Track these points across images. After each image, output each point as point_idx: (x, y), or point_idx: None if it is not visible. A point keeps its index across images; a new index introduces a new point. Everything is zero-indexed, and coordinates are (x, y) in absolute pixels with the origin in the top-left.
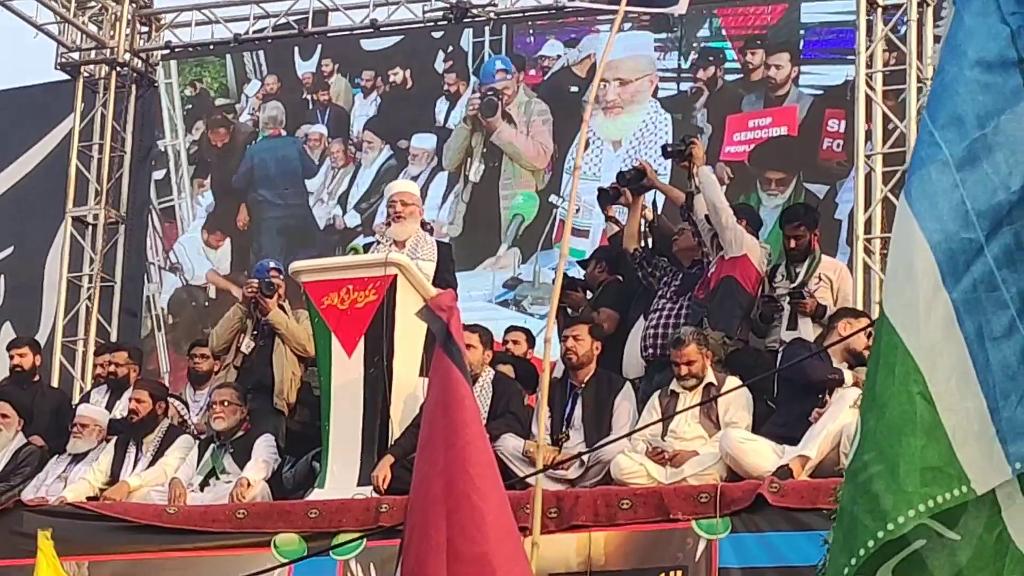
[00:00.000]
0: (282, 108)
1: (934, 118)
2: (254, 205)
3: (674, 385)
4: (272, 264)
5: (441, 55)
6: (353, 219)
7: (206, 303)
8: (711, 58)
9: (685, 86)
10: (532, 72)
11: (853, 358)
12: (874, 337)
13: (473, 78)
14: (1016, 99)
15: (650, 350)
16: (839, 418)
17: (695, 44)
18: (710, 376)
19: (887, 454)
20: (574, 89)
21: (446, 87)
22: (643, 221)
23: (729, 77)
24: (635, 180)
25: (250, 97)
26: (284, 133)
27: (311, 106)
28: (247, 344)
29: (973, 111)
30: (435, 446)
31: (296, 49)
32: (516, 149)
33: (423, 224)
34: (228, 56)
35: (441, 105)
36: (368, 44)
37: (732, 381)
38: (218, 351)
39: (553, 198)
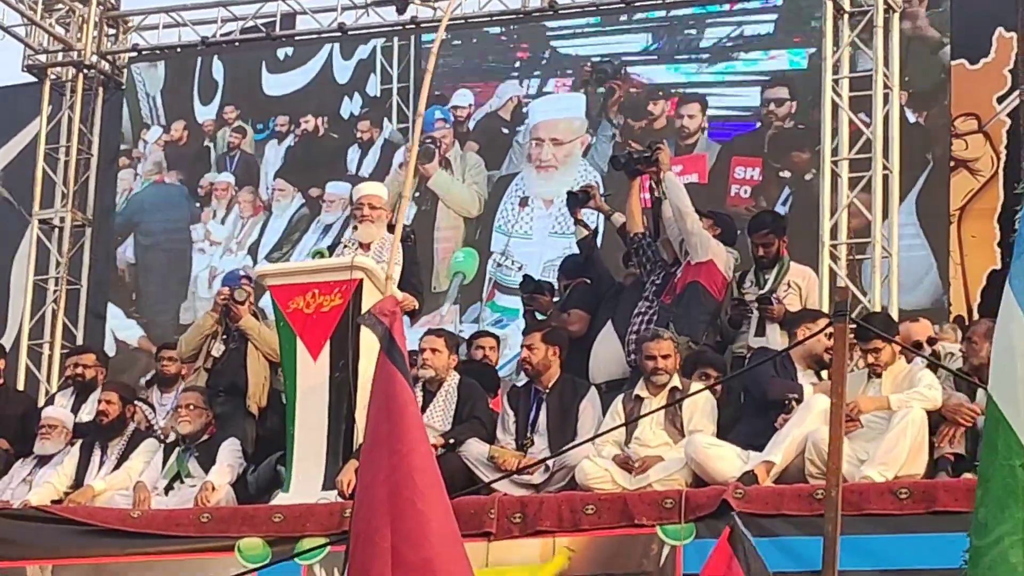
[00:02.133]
0: (163, 156)
1: None
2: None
3: (638, 389)
4: (243, 273)
5: (347, 101)
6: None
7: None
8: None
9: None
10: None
11: (816, 362)
12: (985, 417)
13: (388, 125)
14: None
15: (633, 355)
16: (804, 424)
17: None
18: (675, 381)
19: (990, 526)
20: (505, 130)
21: (359, 134)
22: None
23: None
24: (582, 201)
25: (149, 143)
26: (167, 180)
27: (216, 153)
28: (217, 348)
29: None
30: (379, 452)
31: (196, 93)
32: (451, 194)
33: (405, 236)
34: (124, 99)
35: (353, 153)
36: (271, 89)
37: (697, 386)
38: (186, 357)
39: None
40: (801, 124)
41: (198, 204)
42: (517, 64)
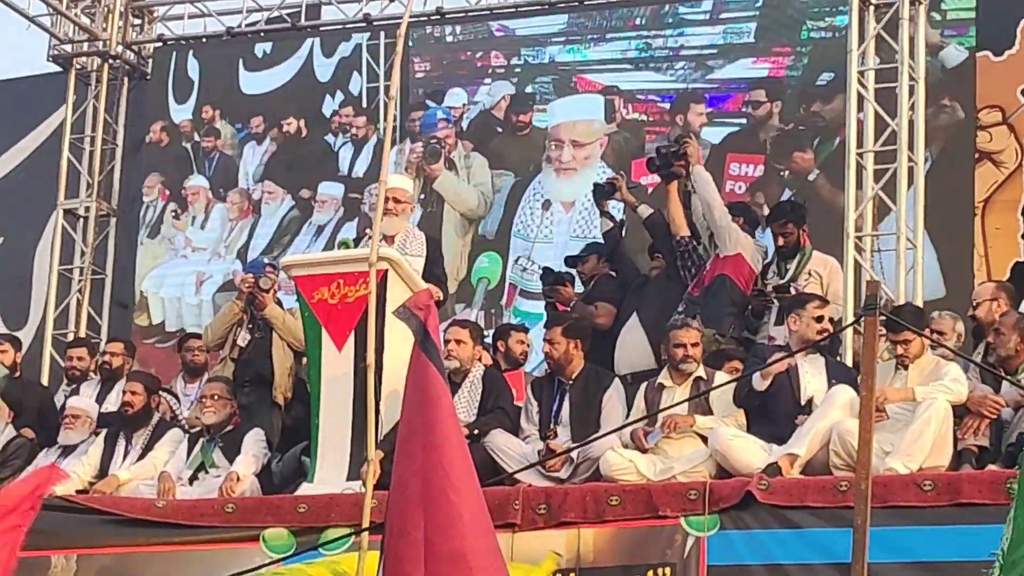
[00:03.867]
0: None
1: None
2: None
3: (662, 378)
4: (267, 260)
5: (328, 99)
6: None
7: None
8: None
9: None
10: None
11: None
12: (1020, 464)
13: (382, 123)
14: None
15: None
16: (828, 416)
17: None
18: (700, 371)
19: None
20: (499, 130)
21: (353, 131)
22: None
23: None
24: (608, 193)
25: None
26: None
27: (194, 156)
28: (243, 337)
29: None
30: (412, 444)
31: (171, 94)
32: (458, 195)
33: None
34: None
35: (345, 152)
36: (249, 88)
37: (721, 376)
38: (212, 346)
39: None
40: (802, 126)
41: (178, 209)
42: (507, 65)
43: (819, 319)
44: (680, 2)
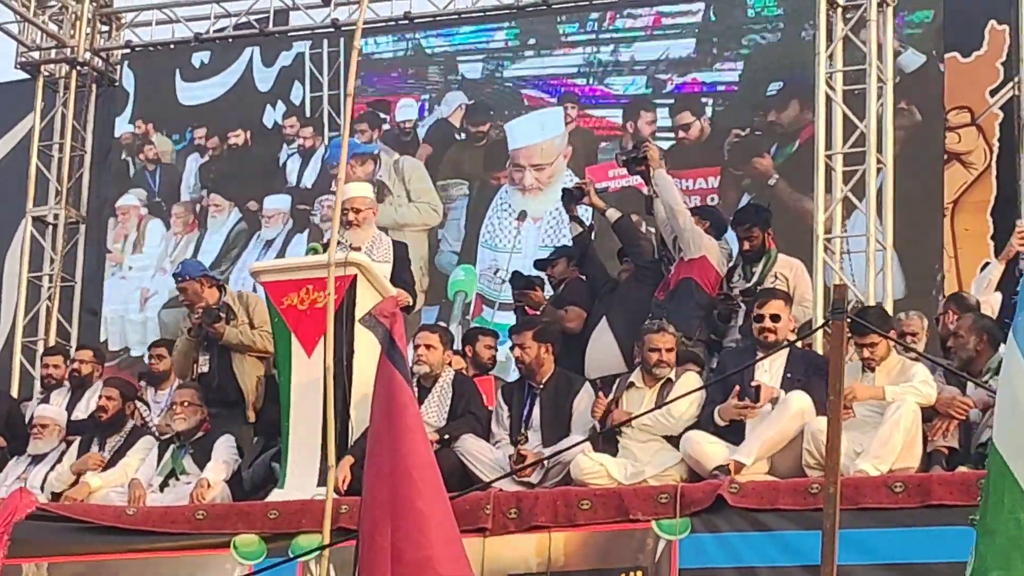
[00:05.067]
0: None
1: None
2: None
3: (634, 376)
4: (203, 267)
5: (269, 110)
6: None
7: None
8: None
9: None
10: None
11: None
12: (990, 471)
13: (329, 133)
14: None
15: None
16: (779, 425)
17: None
18: (673, 371)
19: None
20: (460, 137)
21: (300, 142)
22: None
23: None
24: (577, 198)
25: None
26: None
27: (132, 170)
28: (204, 361)
29: None
30: (380, 452)
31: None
32: (396, 222)
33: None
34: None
35: (293, 164)
36: (186, 98)
37: (687, 376)
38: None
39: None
40: (758, 131)
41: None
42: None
43: (759, 318)
44: (625, 12)
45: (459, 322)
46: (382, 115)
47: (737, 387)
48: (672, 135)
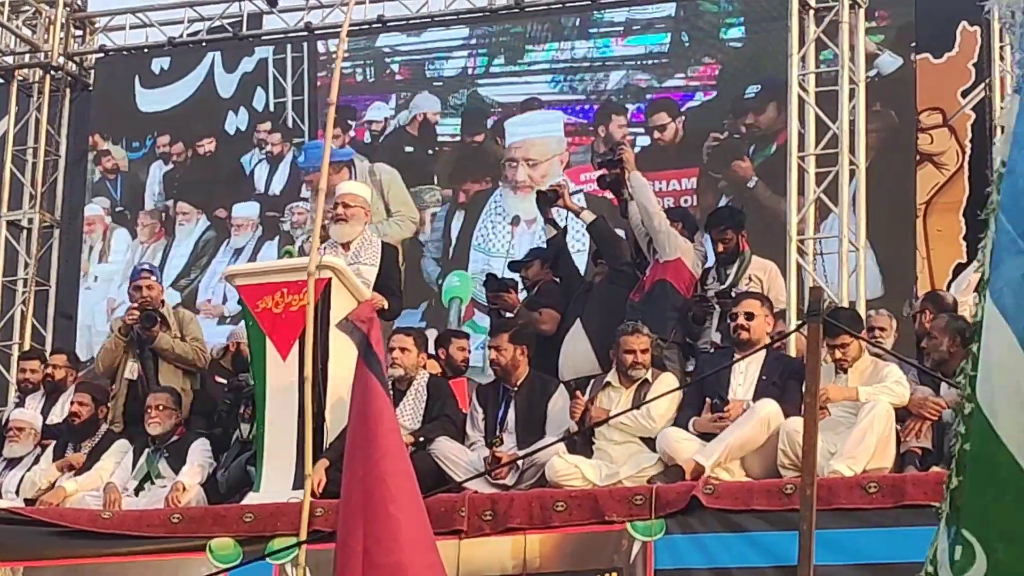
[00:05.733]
0: None
1: (1010, 215)
2: None
3: (610, 377)
4: (147, 266)
5: (231, 116)
6: (172, 297)
7: None
8: None
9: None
10: (354, 133)
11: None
12: (976, 455)
13: (296, 139)
14: None
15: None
16: (743, 431)
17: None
18: (649, 372)
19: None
20: (409, 149)
21: (269, 148)
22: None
23: None
24: (551, 201)
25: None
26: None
27: (92, 178)
28: (131, 369)
29: None
30: (355, 456)
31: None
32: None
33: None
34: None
35: (261, 171)
36: (146, 105)
37: (664, 376)
38: (104, 376)
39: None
40: (736, 134)
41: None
42: (411, 79)
43: (733, 317)
44: (598, 11)
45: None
46: (350, 121)
47: (709, 400)
48: (647, 136)
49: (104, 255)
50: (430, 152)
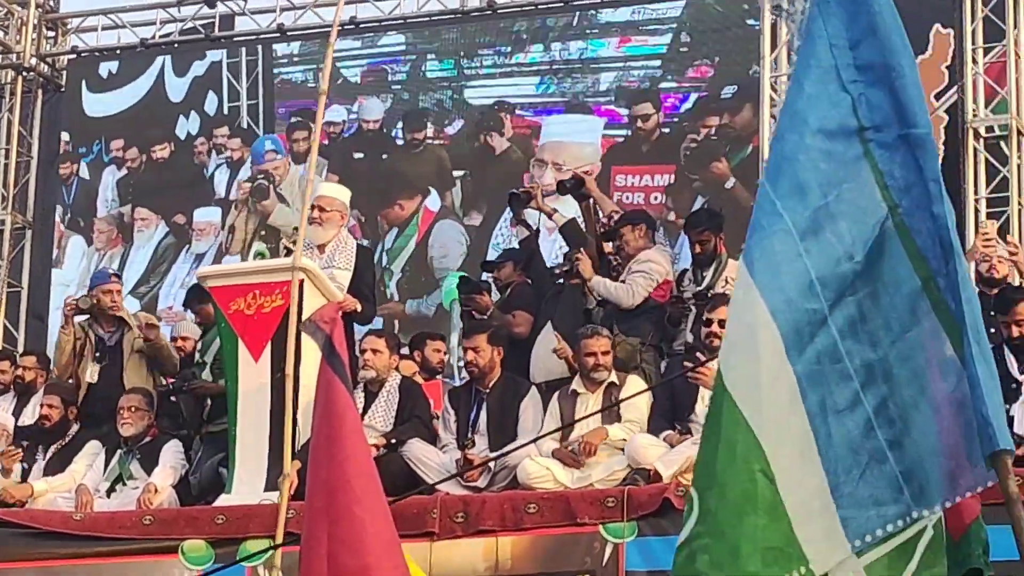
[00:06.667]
0: None
1: (776, 187)
2: None
3: (575, 385)
4: (111, 270)
5: (183, 120)
6: (132, 304)
7: None
8: None
9: None
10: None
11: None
12: (711, 411)
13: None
14: (857, 168)
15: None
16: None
17: None
18: (612, 376)
19: (728, 534)
20: (359, 155)
21: (228, 153)
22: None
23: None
24: (575, 188)
25: None
26: None
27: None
28: (92, 372)
29: (816, 179)
30: (319, 459)
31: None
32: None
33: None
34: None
35: (221, 175)
36: (93, 110)
37: (633, 380)
38: (63, 377)
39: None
40: (714, 135)
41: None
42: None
43: (707, 323)
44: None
45: (460, 331)
46: (312, 123)
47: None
48: (627, 128)
49: (59, 262)
50: (397, 154)
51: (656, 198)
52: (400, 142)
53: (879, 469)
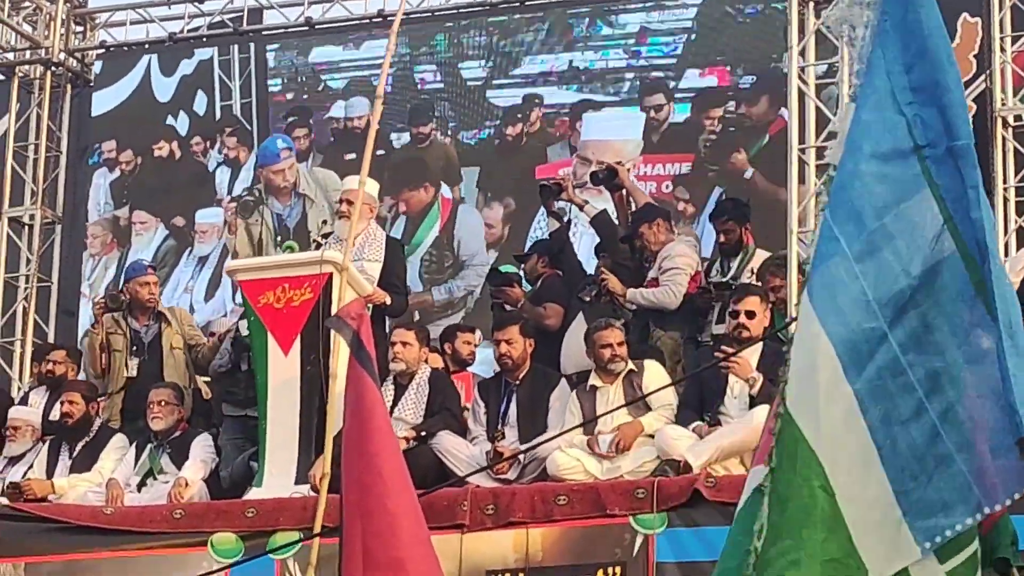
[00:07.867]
0: None
1: (834, 214)
2: None
3: (592, 379)
4: (147, 263)
5: (171, 120)
6: None
7: None
8: None
9: None
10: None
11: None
12: (778, 432)
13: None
14: (917, 185)
15: None
16: (738, 436)
17: None
18: (629, 363)
19: (789, 548)
20: (349, 156)
21: (227, 152)
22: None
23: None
24: (607, 179)
25: None
26: None
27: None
28: (132, 367)
29: (870, 203)
30: (351, 453)
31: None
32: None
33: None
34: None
35: (222, 175)
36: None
37: (650, 364)
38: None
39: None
40: (732, 127)
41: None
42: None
43: (734, 314)
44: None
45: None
46: (312, 120)
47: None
48: (642, 116)
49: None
50: (404, 149)
51: (667, 187)
52: (407, 138)
53: (947, 472)
